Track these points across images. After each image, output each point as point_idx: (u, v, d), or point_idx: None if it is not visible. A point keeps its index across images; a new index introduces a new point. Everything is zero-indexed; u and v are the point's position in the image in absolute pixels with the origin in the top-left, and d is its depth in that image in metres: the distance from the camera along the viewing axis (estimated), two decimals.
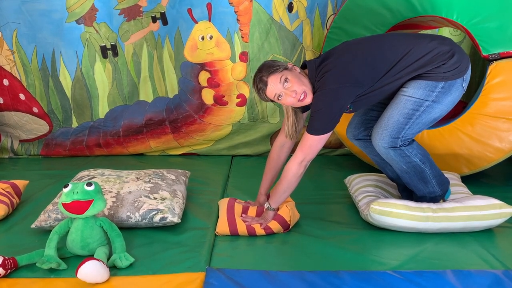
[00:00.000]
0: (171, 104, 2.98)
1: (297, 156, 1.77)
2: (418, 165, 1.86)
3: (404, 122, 1.78)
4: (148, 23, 2.83)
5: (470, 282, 1.45)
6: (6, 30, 2.83)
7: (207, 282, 1.45)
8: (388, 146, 1.82)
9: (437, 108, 1.79)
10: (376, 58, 1.78)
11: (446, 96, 1.77)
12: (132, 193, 1.94)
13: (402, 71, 1.77)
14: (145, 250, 1.70)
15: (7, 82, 2.96)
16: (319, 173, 2.67)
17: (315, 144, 1.76)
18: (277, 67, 1.76)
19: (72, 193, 1.58)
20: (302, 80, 1.77)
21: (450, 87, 1.77)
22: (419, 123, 1.80)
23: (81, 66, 2.89)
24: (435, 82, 1.75)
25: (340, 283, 1.43)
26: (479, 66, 2.88)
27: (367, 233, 1.84)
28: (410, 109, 1.77)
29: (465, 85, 1.83)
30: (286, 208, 1.86)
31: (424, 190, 1.92)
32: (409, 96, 1.77)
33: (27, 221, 1.94)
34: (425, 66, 1.76)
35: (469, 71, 1.84)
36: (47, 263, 1.52)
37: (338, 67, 1.76)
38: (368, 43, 1.88)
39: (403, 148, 1.82)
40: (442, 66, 1.75)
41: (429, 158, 1.90)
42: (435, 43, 1.80)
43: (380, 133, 1.82)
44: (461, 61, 1.79)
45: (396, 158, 1.84)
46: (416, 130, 1.83)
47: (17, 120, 3.02)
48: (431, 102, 1.76)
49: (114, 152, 3.08)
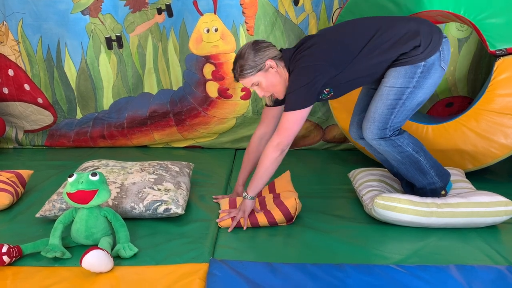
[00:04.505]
0: (176, 96, 2.98)
1: (273, 140, 1.79)
2: (412, 155, 1.86)
3: (389, 112, 1.80)
4: (153, 14, 2.83)
5: (473, 277, 1.45)
6: (12, 20, 2.83)
7: (210, 273, 1.45)
8: (378, 138, 1.83)
9: (419, 93, 1.79)
10: (349, 38, 1.80)
11: (427, 79, 1.78)
12: (136, 184, 1.94)
13: (376, 50, 1.77)
14: (149, 241, 1.70)
15: (12, 72, 2.96)
16: (323, 167, 2.67)
17: (290, 125, 1.76)
18: (250, 71, 1.78)
19: (77, 182, 1.59)
20: (276, 80, 1.80)
21: (429, 70, 1.76)
22: (404, 110, 1.81)
23: (86, 57, 2.89)
24: (414, 67, 1.75)
25: (343, 276, 1.43)
26: (486, 61, 2.87)
27: (371, 227, 1.84)
28: (392, 99, 1.78)
29: (444, 65, 1.81)
30: (293, 199, 1.85)
31: (423, 181, 1.92)
32: (390, 86, 1.78)
33: (32, 211, 1.95)
34: (398, 44, 1.76)
35: (448, 51, 1.82)
36: (52, 252, 1.53)
37: (312, 49, 1.78)
38: (341, 26, 1.91)
39: (393, 138, 1.83)
40: (417, 48, 1.75)
41: (422, 148, 1.90)
42: (404, 22, 1.82)
43: (368, 127, 1.84)
44: (432, 34, 1.78)
45: (389, 149, 1.85)
46: (402, 118, 1.83)
47: (21, 110, 3.02)
48: (412, 88, 1.77)
49: (118, 143, 3.08)
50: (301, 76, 1.75)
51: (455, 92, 2.96)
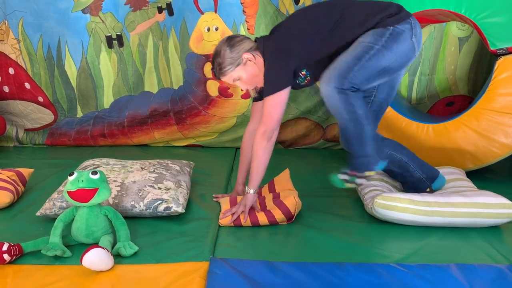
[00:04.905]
0: (176, 95, 2.98)
1: (258, 129, 1.81)
2: (359, 118, 1.79)
3: (353, 62, 1.75)
4: (154, 13, 2.83)
5: (474, 276, 1.45)
6: (12, 18, 2.83)
7: (211, 271, 1.45)
8: (335, 87, 1.75)
9: (387, 55, 1.76)
10: (320, 17, 1.80)
11: (395, 43, 1.76)
12: (137, 182, 1.94)
13: (346, 28, 1.78)
14: (149, 239, 1.70)
15: (13, 71, 2.96)
16: (324, 166, 2.66)
17: (272, 110, 1.77)
18: (228, 68, 1.79)
19: (77, 181, 1.58)
20: (255, 71, 1.82)
21: (399, 35, 1.76)
22: (368, 67, 1.76)
23: (86, 56, 2.89)
24: (383, 29, 1.76)
25: (343, 275, 1.43)
26: (486, 60, 2.87)
27: (371, 226, 1.84)
28: (359, 51, 1.76)
29: (416, 42, 1.79)
30: (292, 198, 1.85)
31: (358, 150, 1.86)
32: (359, 41, 1.78)
33: (32, 209, 1.95)
34: (366, 22, 1.77)
35: (419, 30, 1.81)
36: (52, 250, 1.53)
37: (282, 33, 1.82)
38: (312, 7, 1.90)
39: (348, 93, 1.75)
40: (385, 18, 1.77)
41: (368, 118, 1.82)
42: (372, 3, 1.84)
43: (329, 73, 1.77)
44: (400, 10, 1.81)
45: (339, 104, 1.76)
46: (364, 76, 1.77)
47: (22, 109, 3.02)
48: (380, 46, 1.75)
49: (118, 142, 3.08)
50: (272, 60, 1.78)
51: (455, 91, 2.95)
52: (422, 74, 2.92)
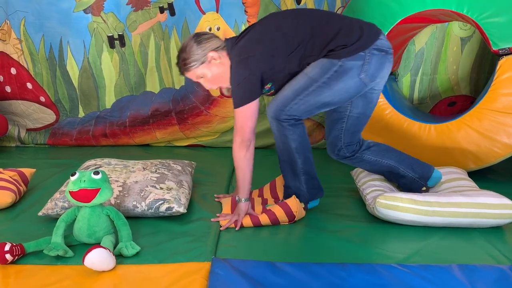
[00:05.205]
0: (178, 95, 2.98)
1: (235, 140, 1.80)
2: (292, 152, 1.84)
3: (291, 97, 1.77)
4: (155, 13, 2.83)
5: (476, 277, 1.45)
6: (14, 18, 2.84)
7: (212, 271, 1.45)
8: (272, 116, 1.81)
9: (326, 92, 1.75)
10: (289, 33, 1.75)
11: (338, 81, 1.73)
12: (139, 182, 1.94)
13: (308, 56, 1.75)
14: (151, 239, 1.70)
15: (15, 71, 2.96)
16: (325, 166, 2.66)
17: (243, 121, 1.77)
18: (192, 64, 1.77)
19: (79, 181, 1.59)
20: (220, 71, 1.79)
21: (344, 74, 1.72)
22: (306, 102, 1.77)
23: (88, 56, 2.89)
24: (330, 62, 1.72)
25: (345, 275, 1.43)
26: (489, 60, 2.86)
27: (373, 226, 1.83)
28: (300, 86, 1.76)
29: (365, 78, 1.74)
30: (294, 198, 1.85)
31: (290, 181, 1.92)
32: (304, 73, 1.77)
33: (34, 209, 1.95)
34: (324, 50, 1.73)
35: (376, 66, 1.74)
36: (54, 250, 1.53)
37: (251, 38, 1.77)
38: (285, 17, 1.83)
39: (284, 125, 1.80)
40: (342, 47, 1.71)
41: (306, 154, 1.87)
42: (343, 24, 1.76)
43: (271, 103, 1.83)
44: (361, 34, 1.73)
45: (276, 133, 1.84)
46: (303, 110, 1.79)
47: (24, 109, 3.03)
48: (321, 84, 1.74)
49: (120, 142, 3.09)
50: (239, 70, 1.74)
51: (457, 91, 2.95)
52: (424, 74, 2.91)
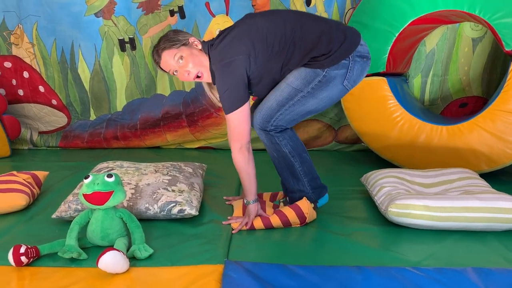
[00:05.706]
0: (188, 97, 2.99)
1: (233, 146, 1.77)
2: (287, 157, 1.84)
3: (276, 108, 1.77)
4: (166, 16, 2.84)
5: (491, 281, 1.43)
6: (27, 23, 2.87)
7: (225, 274, 1.45)
8: (259, 128, 1.81)
9: (311, 101, 1.76)
10: (270, 36, 1.71)
11: (322, 90, 1.73)
12: (151, 185, 1.95)
13: (294, 52, 1.71)
14: (164, 242, 1.71)
15: (27, 74, 3.00)
16: (336, 168, 2.66)
17: (237, 124, 1.73)
18: (174, 42, 1.75)
19: (93, 184, 1.60)
20: (199, 59, 1.76)
21: (328, 82, 1.72)
22: (292, 112, 1.77)
23: (99, 59, 2.91)
24: (314, 72, 1.71)
25: (360, 279, 1.42)
26: (501, 61, 2.84)
27: (385, 229, 1.82)
28: (284, 97, 1.76)
29: (348, 84, 1.75)
30: (304, 201, 1.85)
31: (294, 186, 1.91)
32: (288, 84, 1.76)
33: (48, 212, 1.97)
34: (305, 58, 1.71)
35: (359, 71, 1.75)
36: (68, 252, 1.54)
37: (230, 41, 1.71)
38: (265, 20, 1.78)
39: (273, 134, 1.81)
40: (324, 56, 1.69)
41: (301, 155, 1.87)
42: (324, 27, 1.73)
43: (255, 114, 1.82)
44: (345, 39, 1.71)
45: (266, 143, 1.84)
46: (289, 119, 1.79)
47: (36, 112, 3.06)
48: (306, 93, 1.74)
49: (131, 144, 3.11)
50: (223, 74, 1.71)
51: (469, 92, 2.93)
52: (435, 75, 2.89)
